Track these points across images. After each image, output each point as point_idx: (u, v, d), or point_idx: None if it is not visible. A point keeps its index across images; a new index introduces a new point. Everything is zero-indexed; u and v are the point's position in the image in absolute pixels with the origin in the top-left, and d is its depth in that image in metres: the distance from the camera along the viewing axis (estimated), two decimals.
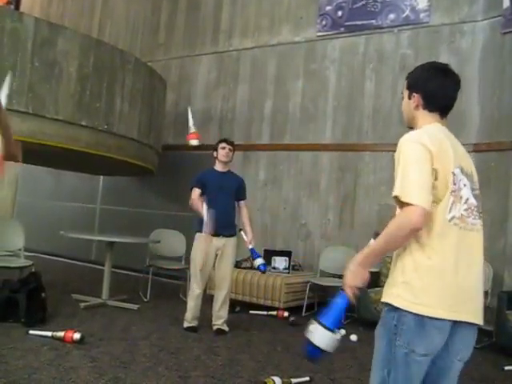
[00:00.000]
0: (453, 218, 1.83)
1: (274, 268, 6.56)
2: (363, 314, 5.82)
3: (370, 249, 1.89)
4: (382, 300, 1.89)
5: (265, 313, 6.14)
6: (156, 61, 8.58)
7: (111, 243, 6.11)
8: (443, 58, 6.51)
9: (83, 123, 5.71)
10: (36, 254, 8.32)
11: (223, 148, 5.19)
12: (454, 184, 1.84)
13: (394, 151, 1.95)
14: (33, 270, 5.39)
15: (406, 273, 1.83)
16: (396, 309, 1.82)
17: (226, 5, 8.52)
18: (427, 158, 1.79)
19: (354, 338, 5.27)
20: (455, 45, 6.50)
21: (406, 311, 1.79)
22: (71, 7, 10.61)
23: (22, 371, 3.47)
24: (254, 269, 6.58)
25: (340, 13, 7.31)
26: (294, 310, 6.16)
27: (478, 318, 1.87)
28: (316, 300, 6.58)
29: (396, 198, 1.80)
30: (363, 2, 7.14)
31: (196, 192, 5.09)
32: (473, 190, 1.92)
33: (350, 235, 6.85)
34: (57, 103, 5.47)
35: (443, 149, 1.85)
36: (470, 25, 6.44)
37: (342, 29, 7.29)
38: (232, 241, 5.15)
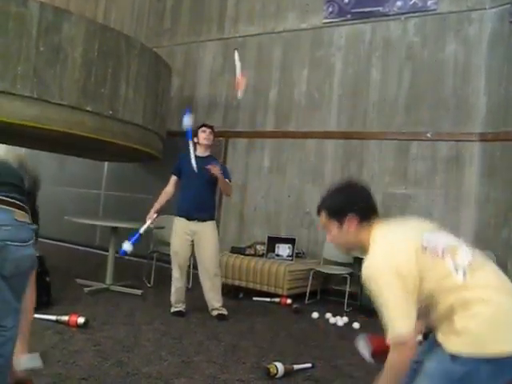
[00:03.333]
0: (463, 271, 1.83)
1: (278, 255, 6.58)
2: (365, 302, 5.84)
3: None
4: None
5: (268, 299, 6.16)
6: (161, 47, 8.54)
7: (115, 228, 6.14)
8: (450, 46, 6.48)
9: (88, 109, 5.70)
10: (41, 239, 8.34)
11: (203, 131, 5.23)
12: (436, 251, 1.86)
13: (400, 139, 1.96)
14: (37, 254, 5.40)
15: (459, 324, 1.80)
16: None
17: None
18: (396, 275, 1.80)
19: (356, 325, 5.30)
20: (462, 33, 6.45)
21: None
22: None
23: None
24: (257, 255, 6.64)
25: None
26: (297, 298, 6.18)
27: None
28: (319, 287, 6.60)
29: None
30: None
31: (172, 180, 5.25)
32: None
33: None
34: (61, 88, 5.46)
35: (403, 242, 1.89)
36: (477, 13, 6.37)
37: (349, 16, 7.23)
38: (209, 224, 5.13)
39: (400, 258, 1.85)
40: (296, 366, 3.75)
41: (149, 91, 6.62)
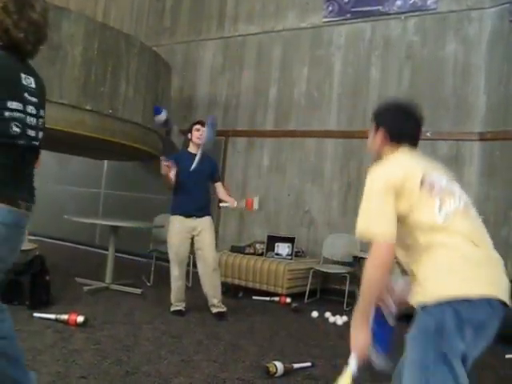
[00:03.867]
0: (446, 214, 1.86)
1: (277, 254, 6.58)
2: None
3: (358, 309, 1.89)
4: None
5: (267, 298, 6.17)
6: (161, 45, 8.54)
7: (115, 227, 6.14)
8: (450, 46, 6.48)
9: (88, 107, 5.70)
10: (40, 238, 8.37)
11: (197, 130, 5.21)
12: (434, 186, 1.89)
13: None
14: (37, 253, 5.41)
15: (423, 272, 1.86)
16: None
17: None
18: (388, 187, 1.85)
19: None
20: (462, 32, 6.45)
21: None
22: None
23: (27, 353, 3.48)
24: (257, 254, 6.64)
25: None
26: (297, 297, 6.19)
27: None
28: (319, 286, 6.61)
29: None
30: None
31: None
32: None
33: (353, 222, 6.74)
34: (61, 87, 5.45)
35: (409, 164, 1.96)
36: (477, 12, 6.37)
37: (349, 15, 7.23)
38: (206, 219, 5.16)
39: (401, 177, 1.88)
40: (295, 365, 3.75)
41: (148, 90, 6.62)
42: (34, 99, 2.26)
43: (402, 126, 2.10)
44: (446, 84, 6.47)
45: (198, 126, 5.24)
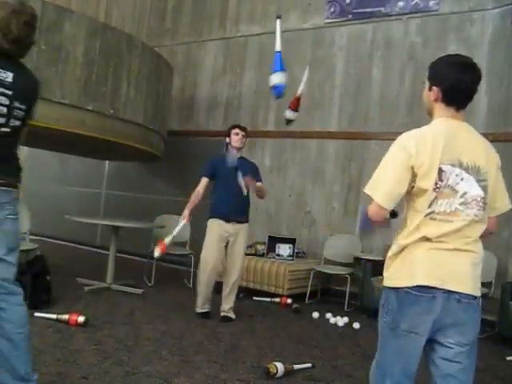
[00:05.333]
0: (431, 213, 1.97)
1: (278, 255, 6.57)
2: (366, 302, 5.83)
3: None
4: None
5: (268, 299, 6.16)
6: (162, 46, 8.54)
7: (116, 228, 6.14)
8: (452, 47, 6.46)
9: (89, 108, 5.70)
10: (41, 238, 8.37)
11: (236, 134, 5.13)
12: (441, 181, 1.95)
13: None
14: (38, 253, 5.42)
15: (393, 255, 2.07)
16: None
17: None
18: (403, 161, 1.97)
19: (356, 325, 5.30)
20: (464, 33, 6.44)
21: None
22: None
23: None
24: (258, 255, 6.63)
25: (348, 0, 7.25)
26: (298, 297, 6.18)
27: (464, 288, 1.97)
28: (319, 287, 6.60)
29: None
30: None
31: (203, 182, 5.06)
32: (479, 181, 2.01)
33: (354, 224, 6.83)
34: (63, 87, 5.46)
35: (428, 149, 1.96)
36: (479, 13, 6.36)
37: (351, 16, 7.23)
38: (244, 227, 5.11)
39: (416, 153, 1.96)
40: (296, 366, 3.74)
41: (150, 91, 6.62)
42: (7, 91, 2.48)
43: (455, 88, 2.05)
44: None
45: (236, 130, 5.15)
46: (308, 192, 7.28)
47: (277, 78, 4.06)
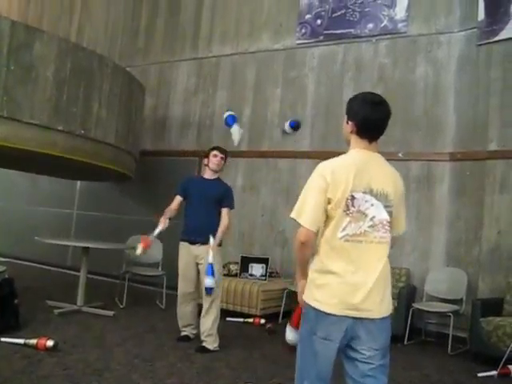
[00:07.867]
0: (345, 235, 2.18)
1: (251, 275, 6.56)
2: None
3: (297, 269, 2.43)
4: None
5: (241, 320, 6.12)
6: (135, 66, 8.54)
7: (87, 249, 6.05)
8: (420, 68, 6.61)
9: (59, 128, 5.64)
10: (10, 260, 8.21)
11: (215, 156, 5.02)
12: (353, 206, 2.17)
13: None
14: (6, 275, 5.30)
15: (310, 274, 2.29)
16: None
17: (205, 11, 8.53)
18: (322, 188, 2.19)
19: None
20: (432, 55, 6.59)
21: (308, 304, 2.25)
22: (50, 10, 10.48)
23: None
24: (231, 275, 6.61)
25: (319, 21, 7.37)
26: (271, 317, 6.16)
27: (375, 314, 2.18)
28: (293, 307, 6.57)
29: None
30: (342, 11, 7.21)
31: (176, 200, 4.99)
32: (386, 207, 2.24)
33: None
34: (33, 107, 5.40)
35: (342, 179, 2.18)
36: (446, 36, 6.53)
37: (321, 37, 7.34)
38: (212, 248, 4.95)
39: (331, 181, 2.18)
40: None
41: (121, 110, 6.59)
42: None
43: (365, 124, 2.27)
44: (417, 105, 6.58)
45: (215, 152, 5.04)
46: (280, 211, 7.28)
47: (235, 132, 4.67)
